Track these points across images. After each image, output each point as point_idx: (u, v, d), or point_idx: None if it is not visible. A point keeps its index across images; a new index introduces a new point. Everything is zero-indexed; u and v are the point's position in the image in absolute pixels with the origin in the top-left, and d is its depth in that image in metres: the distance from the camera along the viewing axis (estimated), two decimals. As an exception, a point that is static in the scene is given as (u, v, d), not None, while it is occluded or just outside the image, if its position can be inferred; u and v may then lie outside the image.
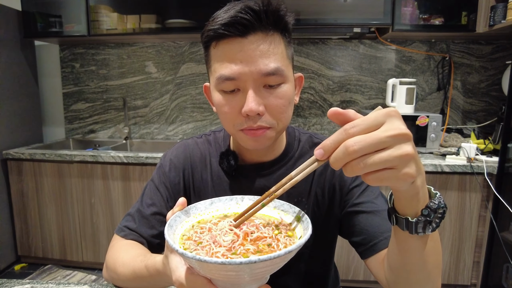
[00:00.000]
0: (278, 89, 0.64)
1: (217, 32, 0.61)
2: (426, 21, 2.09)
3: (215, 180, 0.78)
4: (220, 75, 0.62)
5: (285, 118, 0.67)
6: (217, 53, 0.64)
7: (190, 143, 0.83)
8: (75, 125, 2.74)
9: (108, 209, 2.17)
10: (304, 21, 2.05)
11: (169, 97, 2.61)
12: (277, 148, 0.77)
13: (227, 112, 0.65)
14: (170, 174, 0.80)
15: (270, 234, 0.49)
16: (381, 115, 0.39)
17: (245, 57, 0.60)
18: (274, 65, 0.61)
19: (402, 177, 0.39)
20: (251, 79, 0.61)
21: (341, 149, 0.39)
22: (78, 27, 2.29)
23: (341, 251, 2.00)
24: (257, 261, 0.38)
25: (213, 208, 0.58)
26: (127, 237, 0.76)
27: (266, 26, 0.61)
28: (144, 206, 0.78)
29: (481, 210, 1.87)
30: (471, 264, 1.94)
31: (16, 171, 2.22)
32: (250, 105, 0.61)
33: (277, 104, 0.64)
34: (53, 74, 2.72)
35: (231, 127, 0.67)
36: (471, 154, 1.85)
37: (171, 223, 0.49)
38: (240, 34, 0.60)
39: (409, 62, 2.38)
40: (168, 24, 2.22)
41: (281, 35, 0.64)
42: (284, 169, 0.77)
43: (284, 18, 0.63)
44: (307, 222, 0.50)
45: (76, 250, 2.26)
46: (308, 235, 0.44)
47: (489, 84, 2.33)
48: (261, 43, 0.61)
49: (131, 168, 2.08)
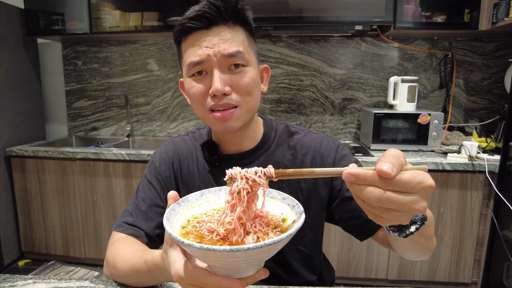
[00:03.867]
0: (242, 70, 0.70)
1: (184, 26, 0.69)
2: (428, 18, 2.08)
3: (201, 171, 0.83)
4: (189, 61, 0.69)
5: (252, 98, 0.72)
6: (186, 45, 0.71)
7: (178, 140, 0.89)
8: (78, 122, 2.75)
9: (110, 206, 2.18)
10: (305, 19, 2.05)
11: (171, 94, 2.61)
12: (255, 137, 0.82)
13: (196, 93, 0.71)
14: (161, 168, 0.84)
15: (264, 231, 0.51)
16: (425, 189, 0.41)
17: (209, 44, 0.68)
18: (235, 48, 0.68)
19: (411, 215, 0.43)
20: (215, 62, 0.68)
21: (372, 196, 0.40)
22: (81, 25, 2.30)
23: (341, 249, 2.00)
24: (255, 247, 0.40)
25: (203, 199, 0.59)
26: (125, 232, 0.78)
27: (227, 18, 0.69)
28: (139, 201, 0.81)
29: (482, 209, 1.87)
30: (472, 262, 1.94)
31: (19, 168, 2.24)
32: (216, 85, 0.67)
33: (243, 82, 0.70)
34: (55, 72, 2.73)
35: (201, 108, 0.72)
36: (472, 152, 1.84)
37: (167, 216, 0.50)
38: (205, 26, 0.68)
39: (411, 59, 2.37)
40: (170, 21, 2.22)
41: (242, 28, 0.72)
42: (264, 157, 0.81)
43: (241, 11, 0.70)
44: (298, 208, 0.51)
45: (78, 246, 2.28)
46: (301, 222, 0.45)
47: (491, 82, 2.32)
48: (222, 32, 0.69)
49: (133, 165, 2.09)
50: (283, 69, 2.46)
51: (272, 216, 0.54)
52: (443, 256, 1.95)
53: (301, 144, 0.82)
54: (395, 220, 0.43)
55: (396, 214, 0.42)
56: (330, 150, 0.81)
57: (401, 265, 1.99)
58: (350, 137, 2.51)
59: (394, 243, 0.66)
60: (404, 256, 0.71)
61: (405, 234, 0.52)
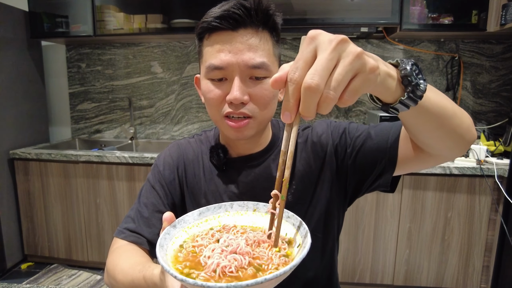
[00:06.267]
0: (263, 81, 0.67)
1: (210, 24, 0.65)
2: (435, 20, 2.05)
3: (207, 175, 0.80)
4: (210, 64, 0.66)
5: (269, 110, 0.70)
6: (209, 44, 0.68)
7: (183, 142, 0.86)
8: (81, 125, 2.75)
9: (113, 209, 2.17)
10: (311, 21, 2.03)
11: (175, 97, 2.60)
12: (264, 139, 0.79)
13: (213, 98, 0.68)
14: (164, 172, 0.82)
15: (267, 255, 0.47)
16: (307, 43, 0.39)
17: (234, 49, 0.65)
18: (260, 59, 0.65)
19: (369, 74, 0.39)
20: (237, 70, 0.65)
21: (304, 95, 0.37)
22: (84, 27, 2.29)
23: (346, 254, 1.97)
24: (255, 283, 0.37)
25: (201, 218, 0.56)
26: (127, 239, 0.76)
27: (256, 22, 0.65)
28: (142, 206, 0.79)
29: (491, 214, 1.83)
30: (481, 269, 1.90)
31: (22, 171, 2.24)
32: (235, 93, 0.65)
33: (262, 94, 0.67)
34: (59, 74, 2.73)
35: (216, 113, 0.70)
36: (480, 156, 1.81)
37: (161, 242, 0.48)
38: (231, 27, 0.64)
39: (418, 62, 2.33)
40: (174, 24, 2.21)
41: (269, 34, 0.69)
42: (273, 155, 0.79)
43: (272, 17, 0.67)
44: (304, 230, 0.47)
45: (81, 249, 2.27)
46: (307, 250, 0.42)
47: (500, 84, 2.28)
48: (250, 38, 0.65)
49: (136, 168, 2.08)
50: (288, 72, 2.44)
51: None
52: (451, 261, 1.91)
53: (304, 137, 0.80)
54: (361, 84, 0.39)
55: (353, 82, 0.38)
56: (322, 128, 0.79)
57: (407, 270, 1.96)
58: (355, 140, 2.48)
59: (413, 129, 0.59)
60: (437, 146, 0.61)
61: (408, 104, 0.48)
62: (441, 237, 1.90)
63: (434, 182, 1.85)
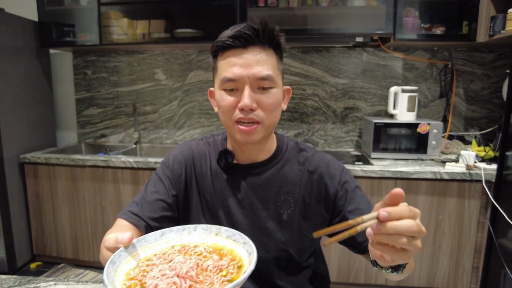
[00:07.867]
0: (269, 91, 0.78)
1: (224, 43, 0.76)
2: (427, 30, 2.13)
3: (213, 175, 0.89)
4: (224, 76, 0.77)
5: (274, 116, 0.80)
6: (222, 59, 0.79)
7: (192, 143, 0.95)
8: (87, 129, 2.85)
9: (119, 211, 2.23)
10: (308, 31, 2.12)
11: (178, 103, 2.69)
12: (268, 149, 0.88)
13: (226, 105, 0.78)
14: (173, 166, 0.89)
15: (210, 280, 0.49)
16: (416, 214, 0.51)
17: (244, 63, 0.76)
18: (267, 72, 0.76)
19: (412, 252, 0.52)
20: (247, 81, 0.76)
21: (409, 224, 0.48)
22: (91, 36, 2.39)
23: (342, 255, 2.05)
24: None
25: (163, 239, 0.57)
26: (128, 220, 0.82)
27: (263, 41, 0.77)
28: (147, 193, 0.86)
29: (480, 217, 1.91)
30: (470, 270, 1.97)
31: (32, 175, 2.34)
32: (246, 101, 0.75)
33: (268, 102, 0.78)
34: (66, 81, 2.83)
35: (228, 119, 0.79)
36: (470, 162, 1.88)
37: (114, 259, 0.48)
38: (242, 45, 0.76)
39: (412, 69, 2.42)
40: (177, 33, 2.30)
41: (274, 51, 0.80)
42: (274, 169, 0.87)
43: (277, 37, 0.79)
44: (252, 257, 0.49)
45: (88, 250, 2.37)
46: (247, 275, 0.44)
47: (491, 91, 2.35)
48: (258, 54, 0.77)
49: (141, 172, 2.17)
50: (286, 79, 2.53)
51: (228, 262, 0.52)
52: (442, 263, 1.99)
53: (309, 162, 0.88)
54: (401, 259, 0.51)
55: (405, 253, 0.50)
56: (336, 171, 0.88)
57: (400, 271, 2.03)
58: (351, 145, 2.56)
59: (386, 275, 0.73)
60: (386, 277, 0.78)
61: (400, 271, 0.64)
62: (432, 239, 1.97)
63: (426, 187, 1.92)
